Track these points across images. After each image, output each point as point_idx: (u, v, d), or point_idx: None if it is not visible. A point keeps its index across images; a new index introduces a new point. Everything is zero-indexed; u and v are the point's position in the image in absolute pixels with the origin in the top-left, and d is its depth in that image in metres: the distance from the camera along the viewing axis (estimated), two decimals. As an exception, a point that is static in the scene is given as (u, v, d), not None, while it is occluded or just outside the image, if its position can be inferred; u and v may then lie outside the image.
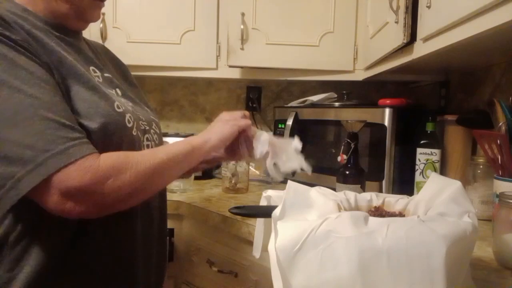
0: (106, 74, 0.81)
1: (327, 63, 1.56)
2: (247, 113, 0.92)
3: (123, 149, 0.71)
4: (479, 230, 0.62)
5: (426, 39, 0.95)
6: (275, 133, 1.59)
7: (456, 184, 0.65)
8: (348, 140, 1.10)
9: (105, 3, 0.80)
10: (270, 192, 0.75)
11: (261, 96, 1.99)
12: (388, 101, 1.26)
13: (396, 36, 1.06)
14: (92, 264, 0.72)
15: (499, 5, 0.66)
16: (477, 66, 1.30)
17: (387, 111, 1.21)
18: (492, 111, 1.00)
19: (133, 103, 0.84)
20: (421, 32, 0.97)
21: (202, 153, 0.80)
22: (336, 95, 1.58)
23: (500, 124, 0.95)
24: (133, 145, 0.75)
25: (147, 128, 0.83)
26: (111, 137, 0.70)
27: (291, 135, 1.47)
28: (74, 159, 0.60)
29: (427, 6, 0.91)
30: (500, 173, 0.94)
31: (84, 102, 0.68)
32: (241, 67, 1.63)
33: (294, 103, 1.64)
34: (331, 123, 1.43)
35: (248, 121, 0.90)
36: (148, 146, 0.82)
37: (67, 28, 0.78)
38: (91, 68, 0.78)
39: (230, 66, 1.60)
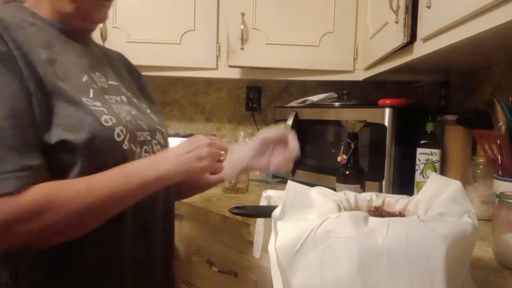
0: (110, 82, 0.81)
1: (327, 63, 1.56)
2: (213, 138, 0.81)
3: (110, 163, 0.70)
4: (479, 230, 0.62)
5: (426, 39, 0.95)
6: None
7: (456, 184, 0.65)
8: (348, 140, 1.09)
9: (105, 3, 0.80)
10: (270, 192, 0.75)
11: (261, 96, 1.99)
12: (388, 101, 1.26)
13: (396, 36, 1.06)
14: (81, 272, 0.71)
15: (499, 5, 0.66)
16: (477, 66, 1.30)
17: (387, 111, 1.21)
18: (492, 111, 1.00)
19: (138, 111, 0.82)
20: (421, 32, 0.97)
21: (157, 187, 0.74)
22: (336, 95, 1.58)
23: (500, 124, 0.95)
24: (124, 158, 0.73)
25: (148, 138, 0.80)
26: (97, 151, 0.68)
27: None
28: None
29: (427, 6, 0.91)
30: (500, 173, 0.94)
31: (69, 117, 0.67)
32: (241, 67, 1.63)
33: (294, 103, 1.64)
34: (331, 123, 1.42)
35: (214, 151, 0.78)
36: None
37: (75, 31, 0.78)
38: (96, 73, 0.77)
39: (230, 66, 1.60)
